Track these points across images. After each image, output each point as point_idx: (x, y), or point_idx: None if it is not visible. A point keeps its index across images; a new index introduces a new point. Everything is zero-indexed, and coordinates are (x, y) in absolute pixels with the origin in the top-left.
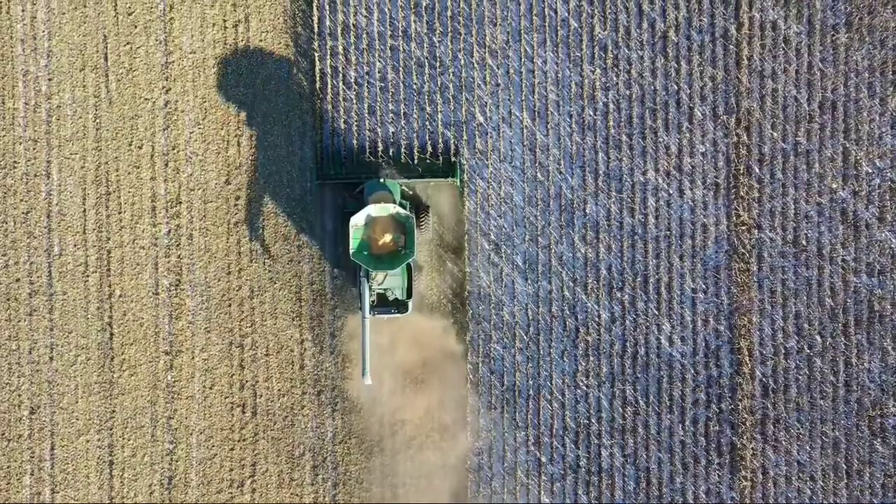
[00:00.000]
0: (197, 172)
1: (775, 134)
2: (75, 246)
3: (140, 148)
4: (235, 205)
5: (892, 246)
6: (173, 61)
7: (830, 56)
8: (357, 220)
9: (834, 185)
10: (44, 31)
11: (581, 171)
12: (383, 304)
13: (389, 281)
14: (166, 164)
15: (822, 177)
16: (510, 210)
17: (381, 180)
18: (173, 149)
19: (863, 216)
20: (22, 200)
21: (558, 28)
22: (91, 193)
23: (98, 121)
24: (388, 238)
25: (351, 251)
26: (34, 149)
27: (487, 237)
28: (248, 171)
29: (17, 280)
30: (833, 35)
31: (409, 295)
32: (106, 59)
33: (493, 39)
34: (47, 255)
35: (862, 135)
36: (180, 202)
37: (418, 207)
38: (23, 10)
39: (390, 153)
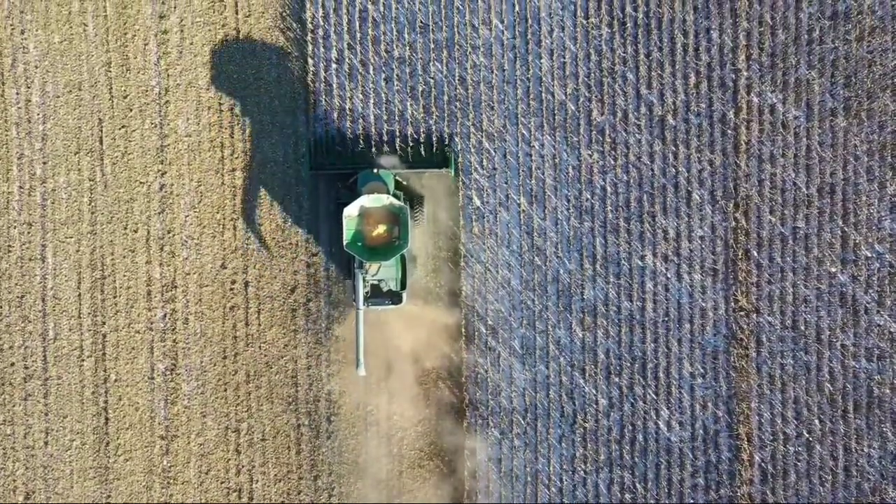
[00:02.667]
0: (192, 256)
1: (774, 218)
2: (70, 330)
3: (135, 232)
4: (231, 289)
5: (892, 330)
6: (168, 144)
7: (829, 140)
8: (350, 211)
9: (833, 270)
10: (38, 115)
11: (579, 255)
12: (377, 295)
13: (383, 272)
14: (162, 248)
15: (820, 261)
16: (507, 294)
17: (375, 171)
18: (169, 233)
19: (862, 300)
20: (17, 284)
21: (556, 111)
22: (86, 277)
23: (93, 204)
24: (381, 229)
25: (344, 242)
26: (29, 232)
27: (484, 321)
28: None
29: (12, 364)
30: (832, 119)
31: (404, 286)
32: (101, 142)
33: (490, 123)
34: (42, 339)
35: (861, 219)
36: (176, 286)
37: (412, 198)
38: (17, 93)
39: (384, 144)
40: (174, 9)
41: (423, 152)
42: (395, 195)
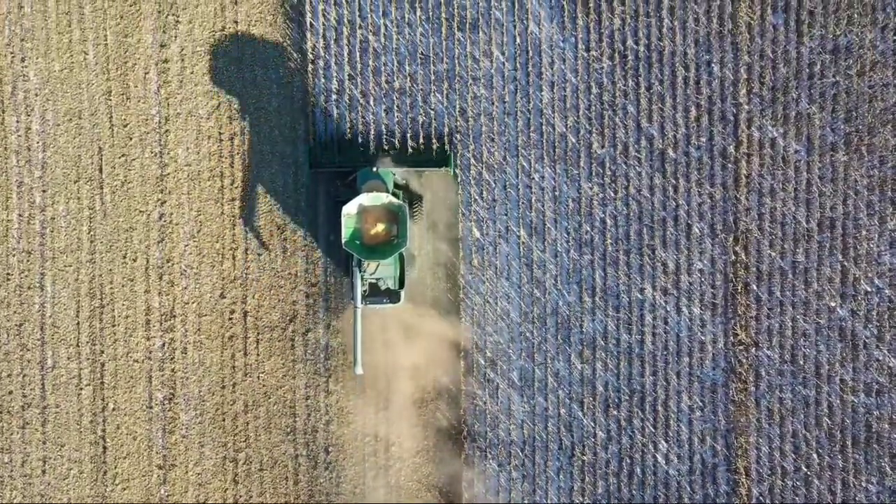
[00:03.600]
0: (191, 286)
1: (773, 252)
2: (69, 359)
3: (134, 261)
4: (230, 319)
5: (891, 365)
6: (168, 174)
7: (829, 174)
8: (349, 209)
9: (832, 304)
10: (38, 143)
11: (578, 287)
12: (375, 293)
13: (382, 270)
14: (161, 277)
15: (820, 295)
16: (506, 326)
17: (374, 169)
18: (168, 262)
19: (861, 335)
20: (15, 312)
21: (556, 144)
22: (85, 306)
23: (92, 233)
24: (380, 227)
25: (343, 240)
26: (28, 261)
27: (483, 353)
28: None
29: (10, 392)
30: (832, 154)
31: (402, 285)
32: (101, 171)
33: (490, 154)
34: (40, 367)
35: (861, 253)
36: (175, 315)
37: (412, 197)
38: (17, 121)
39: (383, 142)
40: (175, 38)
41: (422, 151)
42: (394, 194)
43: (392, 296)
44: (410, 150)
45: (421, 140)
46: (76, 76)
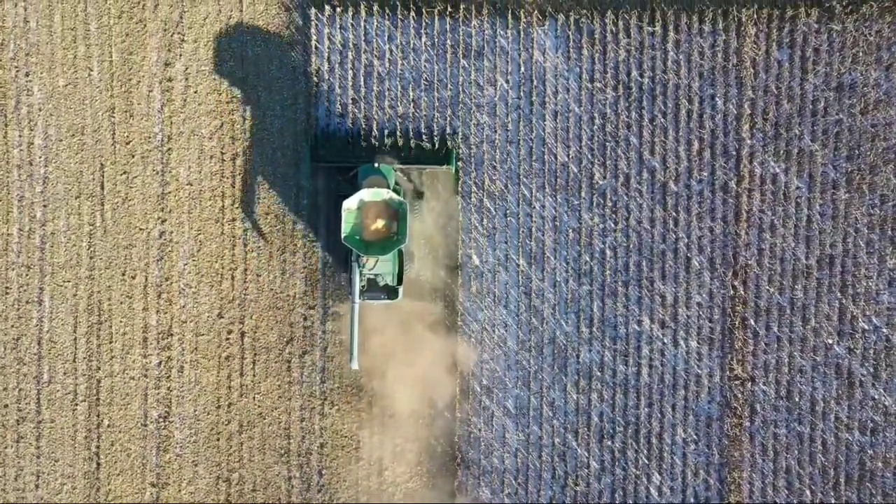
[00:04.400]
0: (189, 305)
1: (772, 288)
2: (65, 374)
3: (133, 278)
4: (227, 339)
5: (886, 404)
6: (170, 192)
7: (830, 212)
8: (350, 204)
9: (829, 341)
10: (40, 158)
11: (576, 317)
12: (373, 289)
13: (380, 267)
14: (159, 296)
15: (817, 332)
16: (503, 354)
17: (376, 165)
18: (167, 280)
19: (857, 373)
20: (13, 326)
21: (558, 173)
22: (83, 322)
23: (92, 249)
24: (380, 223)
25: (343, 235)
26: (27, 275)
27: (479, 381)
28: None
29: (6, 406)
30: (833, 191)
31: (400, 281)
32: (102, 187)
33: (491, 182)
34: (36, 382)
35: (859, 292)
36: (172, 334)
37: (412, 194)
38: (20, 136)
39: (385, 139)
40: (180, 57)
41: (424, 149)
42: (395, 190)
43: (390, 292)
44: (412, 147)
45: (423, 138)
46: (80, 92)
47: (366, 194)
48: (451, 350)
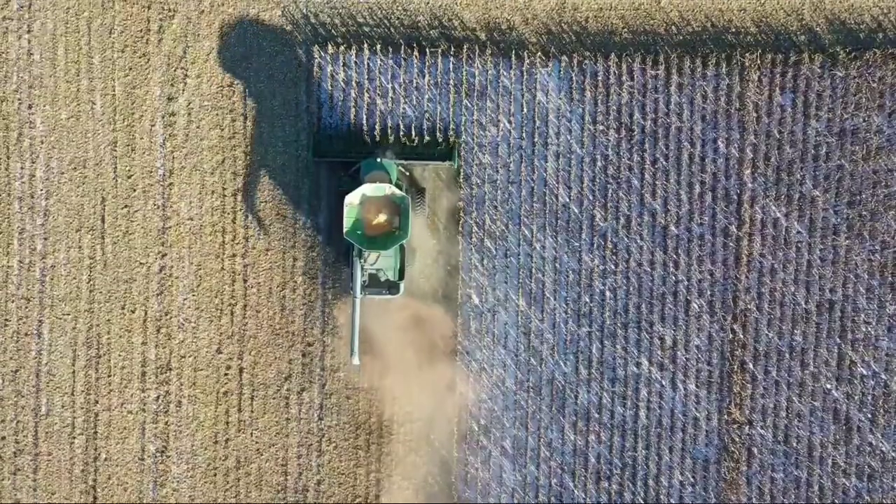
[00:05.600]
0: (189, 339)
1: (771, 332)
2: (63, 407)
3: (133, 312)
4: (226, 374)
5: (884, 450)
6: (170, 227)
7: (830, 257)
8: (352, 199)
9: (828, 386)
10: (42, 190)
11: (575, 358)
12: (375, 284)
13: (382, 262)
14: (158, 330)
15: (816, 377)
16: (501, 394)
17: (378, 160)
18: (166, 314)
19: (855, 419)
20: (11, 358)
21: (559, 214)
22: (81, 355)
23: (92, 282)
24: (382, 218)
25: (344, 230)
26: (26, 307)
27: (477, 420)
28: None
29: (3, 438)
30: (834, 237)
31: (402, 276)
32: (103, 220)
33: (492, 222)
34: (34, 414)
35: (858, 337)
36: (171, 368)
37: (414, 189)
38: (21, 168)
39: (388, 134)
40: (182, 91)
41: (427, 144)
42: (397, 185)
43: (391, 287)
44: (414, 142)
45: (425, 134)
46: (82, 125)
47: (368, 189)
48: (449, 389)
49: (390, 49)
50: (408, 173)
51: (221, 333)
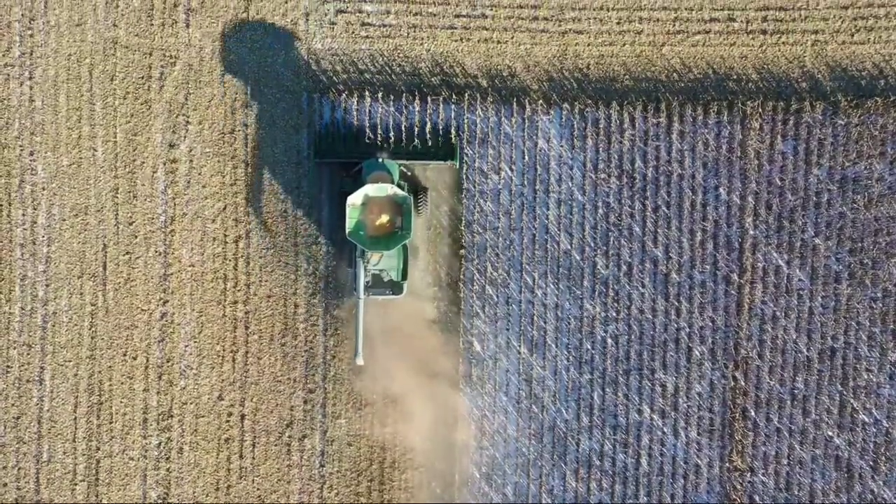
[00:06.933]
0: (190, 386)
1: (773, 380)
2: (65, 453)
3: (134, 359)
4: (227, 421)
5: (885, 497)
6: (172, 273)
7: (832, 304)
8: (354, 200)
9: (829, 433)
10: (43, 237)
11: (576, 405)
12: (378, 285)
13: (385, 262)
14: (160, 377)
15: (817, 424)
16: (503, 441)
17: (380, 160)
18: (168, 361)
19: (857, 465)
20: (13, 405)
21: (560, 261)
22: (83, 401)
23: (94, 329)
24: (384, 218)
25: (347, 231)
26: (28, 354)
27: (479, 467)
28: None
29: (5, 485)
30: (836, 284)
31: (405, 276)
32: (104, 267)
33: (494, 269)
34: (36, 461)
35: (860, 384)
36: (172, 415)
37: (416, 189)
38: (23, 215)
39: (389, 134)
40: (184, 138)
41: (428, 144)
42: (398, 185)
43: (395, 287)
44: (416, 143)
45: (427, 134)
46: (84, 172)
47: (370, 189)
48: (451, 435)
49: (391, 97)
50: (409, 173)
51: (223, 380)
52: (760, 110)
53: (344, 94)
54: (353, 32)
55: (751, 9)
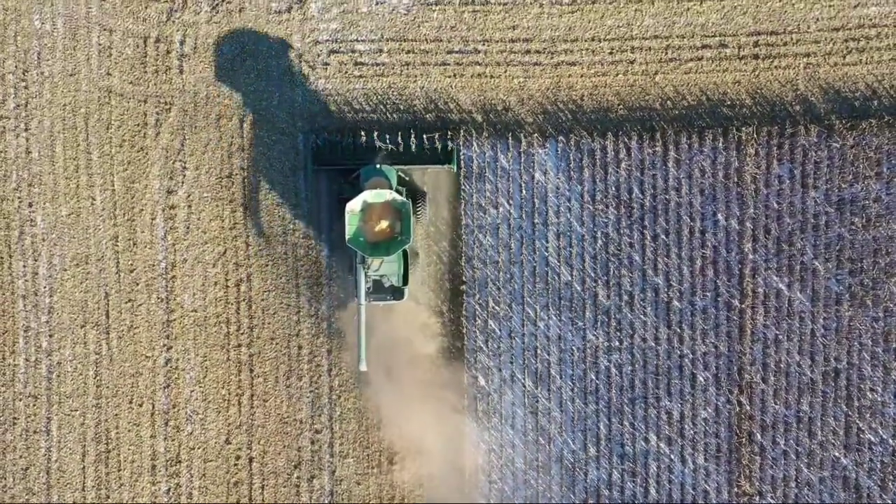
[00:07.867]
0: (197, 431)
1: (778, 403)
2: (74, 503)
3: (140, 406)
4: (235, 464)
5: None
6: (174, 319)
7: (834, 326)
8: (353, 206)
9: (836, 455)
10: (45, 287)
11: (583, 435)
12: (379, 290)
13: (385, 267)
14: (166, 423)
15: (824, 446)
16: (511, 474)
17: (378, 166)
18: (174, 407)
19: (865, 485)
20: (21, 456)
21: (562, 292)
22: (91, 450)
23: (98, 378)
24: (384, 224)
25: (347, 237)
26: (34, 405)
27: (487, 500)
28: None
29: None
30: (837, 306)
31: (406, 281)
32: (107, 315)
33: (496, 303)
34: None
35: (865, 404)
36: (180, 461)
37: (415, 194)
38: (24, 266)
39: (387, 139)
40: (182, 184)
41: (426, 148)
42: (397, 191)
43: (395, 293)
44: (413, 147)
45: (425, 138)
46: (83, 221)
47: (369, 196)
48: (459, 469)
49: (387, 135)
50: (408, 178)
51: (230, 424)
52: (755, 135)
53: (339, 135)
54: (346, 72)
55: (742, 34)
